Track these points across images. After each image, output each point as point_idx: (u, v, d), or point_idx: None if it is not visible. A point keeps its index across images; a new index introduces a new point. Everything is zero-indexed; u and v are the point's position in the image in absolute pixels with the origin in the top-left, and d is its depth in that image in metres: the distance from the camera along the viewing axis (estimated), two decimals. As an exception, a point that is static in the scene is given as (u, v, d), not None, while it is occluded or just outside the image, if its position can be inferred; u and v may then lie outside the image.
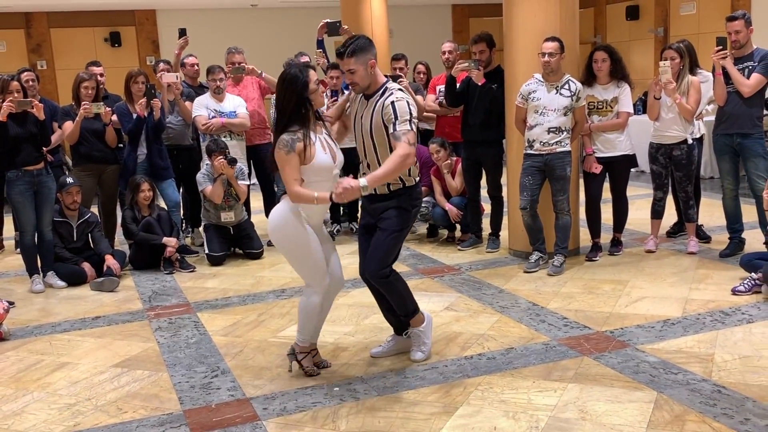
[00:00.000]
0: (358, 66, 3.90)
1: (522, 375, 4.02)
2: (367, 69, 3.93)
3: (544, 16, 6.06)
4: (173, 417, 3.73)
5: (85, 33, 13.53)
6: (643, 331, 4.58)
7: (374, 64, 3.97)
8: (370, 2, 10.12)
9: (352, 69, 3.91)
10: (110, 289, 6.12)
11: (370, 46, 3.97)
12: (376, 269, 4.05)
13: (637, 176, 10.02)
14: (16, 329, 5.24)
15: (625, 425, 3.40)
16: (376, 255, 4.05)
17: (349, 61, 3.89)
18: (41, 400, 4.04)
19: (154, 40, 13.92)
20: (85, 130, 6.66)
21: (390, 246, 4.06)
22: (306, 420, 3.63)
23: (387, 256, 4.07)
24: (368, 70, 3.94)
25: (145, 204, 6.69)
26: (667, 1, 12.98)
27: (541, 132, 5.84)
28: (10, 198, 6.10)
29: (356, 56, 3.89)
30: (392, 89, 3.96)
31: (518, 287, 5.65)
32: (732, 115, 5.96)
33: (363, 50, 3.91)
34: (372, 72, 3.95)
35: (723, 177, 6.23)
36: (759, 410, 3.48)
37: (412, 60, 8.25)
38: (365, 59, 3.91)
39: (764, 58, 5.81)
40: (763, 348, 4.23)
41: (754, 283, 5.15)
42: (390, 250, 4.07)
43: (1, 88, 5.83)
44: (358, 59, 3.90)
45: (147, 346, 4.79)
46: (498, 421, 3.50)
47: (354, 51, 3.89)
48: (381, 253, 4.05)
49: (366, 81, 3.96)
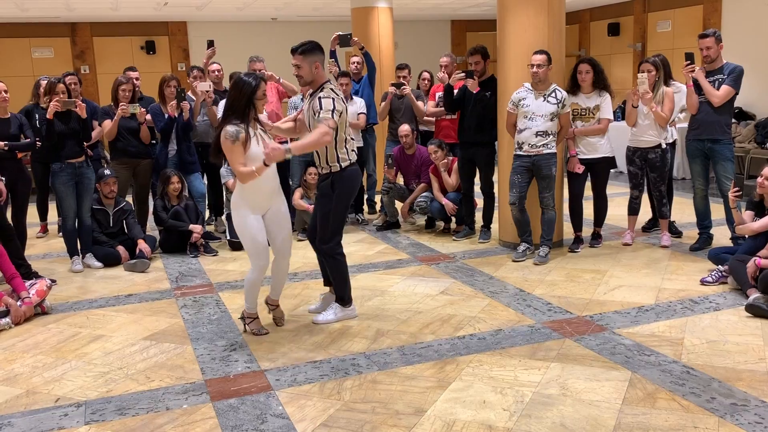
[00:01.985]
0: (303, 63, 4.27)
1: (509, 354, 3.98)
2: (311, 68, 4.28)
3: (533, 32, 6.03)
4: (196, 386, 3.71)
5: (123, 41, 13.50)
6: (619, 317, 4.54)
7: (318, 66, 4.30)
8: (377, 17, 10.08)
9: (298, 64, 4.27)
10: (142, 270, 6.10)
11: (317, 51, 4.31)
12: (319, 240, 4.55)
13: (615, 176, 9.96)
14: (58, 304, 5.22)
15: (602, 401, 3.36)
16: (326, 228, 4.49)
17: (298, 57, 4.27)
18: (78, 368, 4.02)
19: (185, 48, 13.89)
20: (122, 128, 6.68)
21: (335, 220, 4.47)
22: (314, 391, 3.59)
23: (335, 230, 4.49)
24: (312, 69, 4.28)
25: (174, 195, 6.67)
26: (645, 19, 12.89)
27: (530, 135, 5.80)
28: (54, 187, 6.10)
29: (303, 55, 4.27)
30: (326, 88, 4.28)
31: (507, 275, 5.61)
32: (703, 123, 5.92)
33: (310, 52, 4.27)
34: (315, 72, 4.30)
35: (694, 178, 6.18)
36: (724, 390, 3.43)
37: (415, 69, 8.19)
38: (311, 60, 4.27)
39: (733, 71, 5.79)
40: (729, 333, 4.18)
41: (721, 274, 5.11)
42: (337, 225, 4.48)
43: (48, 90, 5.93)
44: (305, 58, 4.26)
45: (173, 322, 4.76)
46: (487, 396, 3.46)
47: (303, 51, 4.27)
48: (331, 227, 4.48)
49: (309, 77, 4.30)
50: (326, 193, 4.48)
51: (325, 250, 4.54)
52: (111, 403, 3.54)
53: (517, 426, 3.15)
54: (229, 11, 12.70)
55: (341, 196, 4.45)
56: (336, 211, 4.45)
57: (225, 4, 11.71)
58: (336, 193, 4.43)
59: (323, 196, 4.51)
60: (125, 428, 3.27)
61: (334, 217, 4.45)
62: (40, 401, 3.61)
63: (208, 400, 3.52)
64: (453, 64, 7.31)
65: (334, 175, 4.43)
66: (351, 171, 4.48)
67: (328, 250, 4.51)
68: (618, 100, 9.80)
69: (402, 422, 3.23)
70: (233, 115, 4.08)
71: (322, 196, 4.53)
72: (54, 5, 10.94)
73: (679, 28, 12.10)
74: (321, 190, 4.55)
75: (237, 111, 4.08)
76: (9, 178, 5.99)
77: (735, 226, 5.32)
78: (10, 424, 3.36)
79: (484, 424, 3.17)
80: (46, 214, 7.84)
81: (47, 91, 5.96)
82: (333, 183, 4.43)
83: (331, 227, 4.47)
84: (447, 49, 15.36)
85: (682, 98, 6.27)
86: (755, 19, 10.53)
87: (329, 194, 4.45)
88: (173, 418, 3.36)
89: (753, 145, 9.96)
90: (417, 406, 3.37)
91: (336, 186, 4.43)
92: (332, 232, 4.49)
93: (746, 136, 10.10)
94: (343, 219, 4.52)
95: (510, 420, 3.20)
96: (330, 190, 4.45)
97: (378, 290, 5.29)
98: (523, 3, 6.04)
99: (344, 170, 4.44)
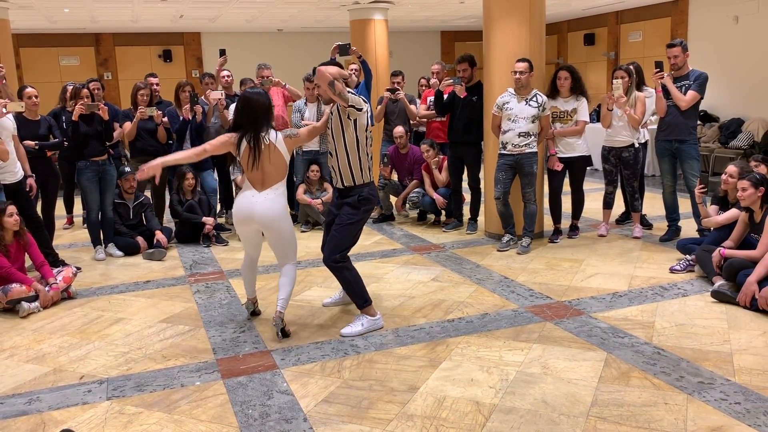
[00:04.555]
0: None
1: (495, 336, 3.94)
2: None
3: (516, 41, 5.98)
4: (208, 364, 3.67)
5: (143, 50, 13.40)
6: (595, 302, 4.50)
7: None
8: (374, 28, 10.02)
9: (317, 84, 4.04)
10: (159, 258, 6.05)
11: None
12: (328, 258, 4.02)
13: (591, 173, 9.92)
14: (82, 290, 5.17)
15: (580, 379, 3.32)
16: (329, 246, 4.02)
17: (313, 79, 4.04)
18: (101, 348, 3.98)
19: (199, 57, 13.79)
20: (141, 129, 6.63)
21: (340, 239, 3.99)
22: (316, 369, 3.55)
23: (337, 247, 3.99)
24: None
25: (189, 190, 6.61)
26: (618, 30, 12.83)
27: (513, 136, 5.75)
28: (79, 183, 6.06)
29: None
30: None
31: (492, 263, 5.56)
32: (671, 125, 5.88)
33: None
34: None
35: (663, 175, 6.14)
36: (692, 369, 3.39)
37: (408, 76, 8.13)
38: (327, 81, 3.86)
39: (698, 78, 5.76)
40: (696, 317, 4.15)
41: (689, 263, 5.07)
42: (340, 242, 3.99)
43: (73, 94, 5.91)
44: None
45: (188, 306, 4.71)
46: (474, 374, 3.42)
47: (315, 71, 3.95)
48: (332, 244, 4.01)
49: (326, 96, 3.89)
50: (354, 205, 3.99)
51: (335, 265, 4.01)
52: (130, 380, 3.50)
53: (502, 402, 3.11)
54: (239, 23, 12.61)
55: (366, 213, 4.04)
56: (354, 227, 4.01)
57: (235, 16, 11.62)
58: (362, 210, 4.00)
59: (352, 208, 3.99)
60: (143, 403, 3.23)
61: (349, 231, 4.00)
62: (66, 378, 3.57)
63: (219, 378, 3.48)
64: (443, 71, 7.31)
65: (358, 189, 4.00)
66: (375, 187, 4.11)
67: (334, 263, 4.01)
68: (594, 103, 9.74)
69: (397, 398, 3.19)
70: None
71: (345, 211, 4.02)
72: (80, 17, 10.86)
73: (649, 38, 12.05)
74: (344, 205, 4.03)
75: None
76: (40, 176, 5.97)
77: (701, 219, 5.29)
78: (38, 399, 3.33)
79: (472, 400, 3.14)
80: (71, 207, 7.81)
81: (73, 95, 5.93)
82: (360, 199, 3.99)
83: (344, 242, 4.01)
84: (437, 57, 15.30)
85: (652, 103, 6.23)
86: (719, 30, 10.49)
87: (356, 208, 3.98)
88: (187, 394, 3.32)
89: (717, 145, 9.92)
90: (410, 384, 3.33)
91: (362, 203, 3.99)
92: (344, 247, 4.02)
93: (711, 137, 10.06)
94: (357, 236, 4.09)
95: (496, 396, 3.17)
96: (357, 203, 3.98)
97: (374, 277, 5.24)
98: (506, 15, 5.99)
99: (369, 185, 4.05)
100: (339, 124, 3.96)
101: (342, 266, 4.02)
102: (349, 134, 3.95)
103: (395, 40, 12.57)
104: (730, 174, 4.93)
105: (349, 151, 3.96)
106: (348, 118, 3.92)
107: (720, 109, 10.42)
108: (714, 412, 2.96)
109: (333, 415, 3.05)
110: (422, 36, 15.50)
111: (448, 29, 15.54)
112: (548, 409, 3.03)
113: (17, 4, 8.87)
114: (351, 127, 3.94)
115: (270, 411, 3.11)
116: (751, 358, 3.51)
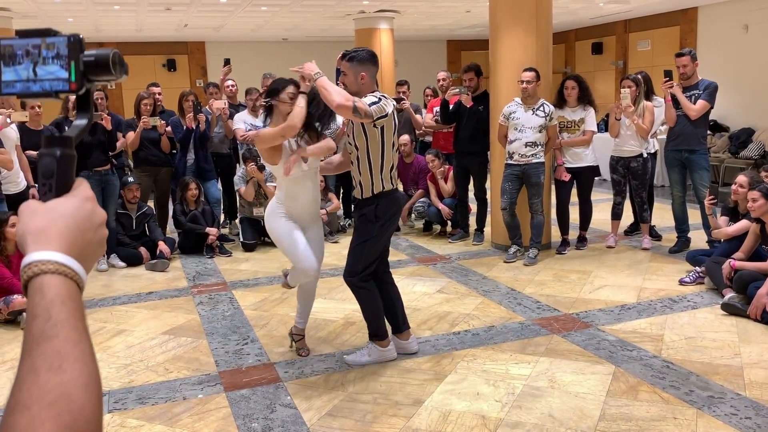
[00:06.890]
0: (349, 71, 3.57)
1: (501, 349, 3.93)
2: (356, 78, 3.56)
3: (523, 50, 6.00)
4: (210, 377, 3.67)
5: (147, 60, 13.50)
6: (603, 314, 4.49)
7: (365, 77, 3.57)
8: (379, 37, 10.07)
9: (344, 71, 3.59)
10: (162, 269, 6.07)
11: (367, 62, 3.59)
12: (345, 272, 3.74)
13: (599, 184, 9.89)
14: (84, 301, 5.13)
15: (587, 393, 3.31)
16: (348, 260, 3.74)
17: (344, 63, 3.58)
18: (102, 360, 3.97)
19: (203, 66, 13.89)
20: (144, 139, 6.65)
21: (357, 254, 3.68)
22: (320, 382, 3.55)
23: (355, 262, 3.68)
24: (357, 80, 3.56)
25: (192, 200, 6.64)
26: (626, 39, 12.86)
27: (520, 146, 5.76)
28: (81, 193, 6.05)
29: (350, 62, 3.57)
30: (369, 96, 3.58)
31: (499, 275, 5.56)
32: (681, 134, 5.88)
33: (357, 61, 3.56)
34: (361, 83, 3.56)
35: (672, 185, 6.14)
36: (701, 383, 3.38)
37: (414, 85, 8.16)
38: (356, 69, 3.56)
39: (708, 87, 5.77)
40: (705, 330, 4.13)
41: (698, 275, 5.05)
42: (357, 258, 3.68)
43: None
44: (351, 66, 3.56)
45: (190, 317, 4.73)
46: (480, 388, 3.41)
47: (350, 58, 3.57)
48: (350, 258, 3.72)
49: (354, 87, 3.55)
50: (369, 220, 3.65)
51: (353, 282, 3.69)
52: (132, 393, 3.50)
53: (509, 416, 3.10)
54: (244, 32, 12.70)
55: (384, 226, 3.68)
56: (364, 244, 3.67)
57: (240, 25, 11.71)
58: (378, 223, 3.64)
59: (368, 222, 3.66)
60: (145, 416, 3.24)
61: (362, 250, 3.66)
62: (66, 391, 3.56)
63: (222, 391, 3.49)
64: (449, 79, 7.30)
65: (377, 199, 3.65)
66: (396, 195, 3.77)
67: (356, 282, 3.68)
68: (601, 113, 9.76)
69: (401, 412, 3.18)
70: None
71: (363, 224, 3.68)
72: (84, 27, 10.95)
73: (658, 47, 12.07)
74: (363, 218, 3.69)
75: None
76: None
77: (711, 231, 5.28)
78: (37, 413, 3.32)
79: (478, 414, 3.13)
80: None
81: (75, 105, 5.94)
82: (377, 208, 3.64)
83: (358, 261, 3.67)
84: (443, 66, 15.34)
85: (662, 112, 6.23)
86: (728, 39, 10.50)
87: (372, 220, 3.64)
88: (189, 407, 3.32)
89: (727, 155, 9.91)
90: (415, 397, 3.33)
91: (379, 212, 3.64)
92: (360, 266, 3.67)
93: (721, 147, 10.05)
94: (380, 249, 3.74)
95: (502, 411, 3.16)
96: (373, 216, 3.63)
97: (380, 289, 5.24)
98: (513, 24, 6.02)
99: (391, 193, 3.71)
100: (362, 134, 3.57)
101: (360, 287, 3.69)
102: (374, 142, 3.58)
103: (401, 49, 12.62)
104: (740, 184, 4.92)
105: (372, 159, 3.60)
106: (374, 127, 3.55)
107: (730, 119, 10.41)
108: (724, 427, 2.94)
109: (337, 429, 3.05)
110: (428, 45, 15.56)
111: (454, 38, 15.60)
112: (555, 423, 3.03)
113: (21, 13, 8.98)
114: (377, 134, 3.57)
115: (273, 425, 3.11)
116: (762, 371, 3.49)
